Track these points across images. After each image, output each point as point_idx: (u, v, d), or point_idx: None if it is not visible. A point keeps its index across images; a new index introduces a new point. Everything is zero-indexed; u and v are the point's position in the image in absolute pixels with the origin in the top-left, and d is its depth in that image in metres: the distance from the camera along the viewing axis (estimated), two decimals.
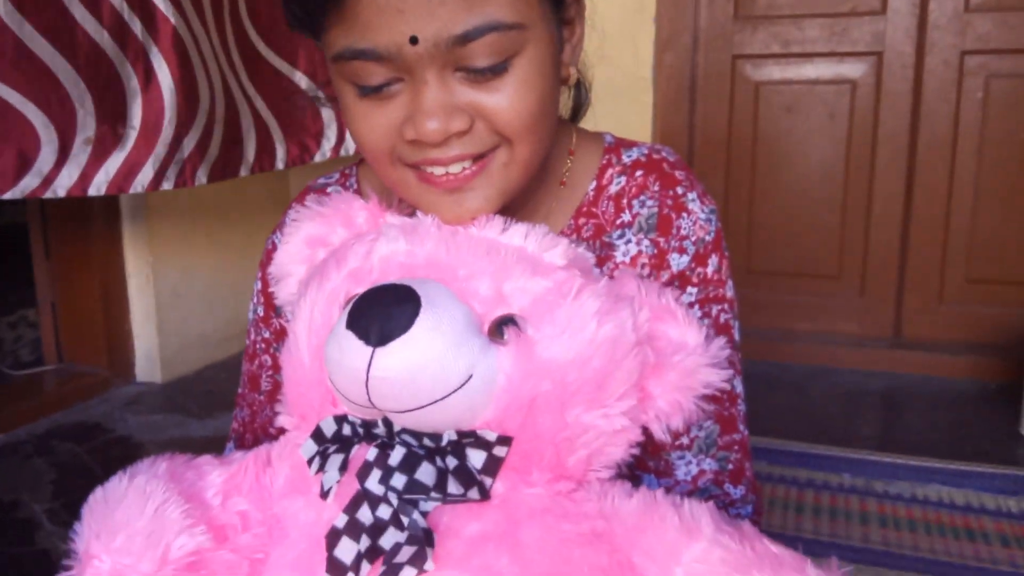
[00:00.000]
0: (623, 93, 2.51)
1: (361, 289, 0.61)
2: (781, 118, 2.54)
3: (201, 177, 1.95)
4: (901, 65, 2.40)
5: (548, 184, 0.80)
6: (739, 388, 0.80)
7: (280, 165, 2.19)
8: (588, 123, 0.87)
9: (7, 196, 1.62)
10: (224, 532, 0.63)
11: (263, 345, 0.88)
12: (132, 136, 1.77)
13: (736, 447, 0.79)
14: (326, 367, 0.61)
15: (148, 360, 2.50)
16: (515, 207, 0.77)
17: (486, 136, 0.64)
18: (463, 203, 0.66)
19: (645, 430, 0.65)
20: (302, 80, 2.21)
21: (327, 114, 2.26)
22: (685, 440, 0.77)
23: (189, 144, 1.89)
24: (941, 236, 2.45)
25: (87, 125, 1.70)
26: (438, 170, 0.65)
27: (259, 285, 0.87)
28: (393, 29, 0.59)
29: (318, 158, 2.30)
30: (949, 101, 2.38)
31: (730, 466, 0.79)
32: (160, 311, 2.47)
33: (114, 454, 2.01)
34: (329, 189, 0.86)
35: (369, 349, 0.56)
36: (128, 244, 2.43)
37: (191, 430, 2.16)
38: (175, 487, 0.62)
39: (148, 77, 1.78)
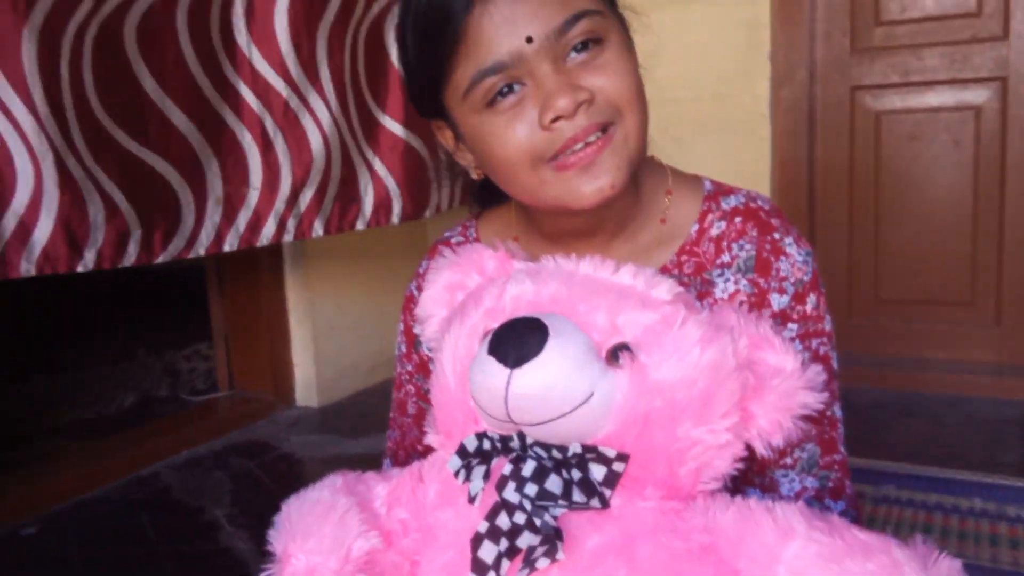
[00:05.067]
0: (740, 129, 2.54)
1: (496, 324, 0.69)
2: (904, 146, 2.51)
3: (318, 229, 2.10)
4: None
5: (647, 218, 0.89)
6: (838, 413, 0.86)
7: (395, 220, 2.33)
8: (706, 160, 0.95)
9: (159, 260, 1.77)
10: (390, 537, 0.72)
11: (407, 376, 1.00)
12: (255, 196, 1.94)
13: (836, 467, 0.85)
14: (470, 389, 0.70)
15: (307, 387, 2.69)
16: (618, 237, 0.87)
17: (605, 107, 0.77)
18: (599, 177, 0.78)
19: (749, 448, 0.70)
20: (416, 142, 2.33)
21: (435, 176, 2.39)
22: (789, 460, 0.83)
23: (304, 200, 2.04)
24: None
25: (215, 187, 1.87)
26: (576, 147, 0.77)
27: (402, 326, 1.00)
28: (511, 37, 0.75)
29: (428, 214, 2.43)
30: None
31: (830, 483, 0.84)
32: (317, 343, 2.66)
33: (280, 468, 2.21)
34: (454, 240, 0.98)
35: (507, 371, 0.65)
36: (289, 284, 2.63)
37: (345, 448, 2.34)
38: (352, 499, 0.72)
39: (265, 142, 1.94)
